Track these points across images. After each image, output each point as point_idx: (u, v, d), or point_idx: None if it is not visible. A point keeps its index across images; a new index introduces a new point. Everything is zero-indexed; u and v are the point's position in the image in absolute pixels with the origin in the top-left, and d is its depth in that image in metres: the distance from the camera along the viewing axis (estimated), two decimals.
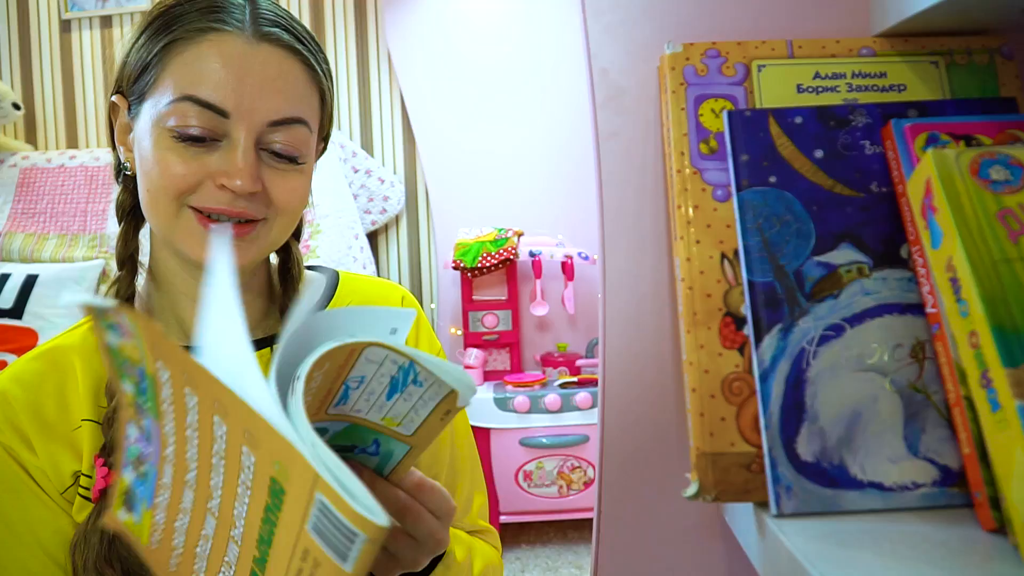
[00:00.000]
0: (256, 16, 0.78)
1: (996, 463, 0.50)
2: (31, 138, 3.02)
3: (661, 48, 0.71)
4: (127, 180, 0.85)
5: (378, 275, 2.84)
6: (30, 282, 2.40)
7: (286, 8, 0.87)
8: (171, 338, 0.49)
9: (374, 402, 0.53)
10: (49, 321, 2.34)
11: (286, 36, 0.79)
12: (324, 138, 0.89)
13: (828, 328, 0.59)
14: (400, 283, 2.96)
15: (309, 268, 0.97)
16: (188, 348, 0.84)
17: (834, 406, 0.58)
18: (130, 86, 0.80)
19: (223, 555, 0.50)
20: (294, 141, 0.79)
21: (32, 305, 2.37)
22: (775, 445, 0.57)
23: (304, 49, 0.80)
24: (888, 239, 0.61)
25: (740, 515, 0.63)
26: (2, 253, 2.59)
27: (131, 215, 0.87)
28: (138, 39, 0.80)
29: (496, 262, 2.62)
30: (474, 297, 2.72)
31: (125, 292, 0.84)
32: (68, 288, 2.38)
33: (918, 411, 0.58)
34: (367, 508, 0.39)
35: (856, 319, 0.59)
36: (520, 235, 2.70)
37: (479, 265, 2.62)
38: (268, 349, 0.86)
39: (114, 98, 0.83)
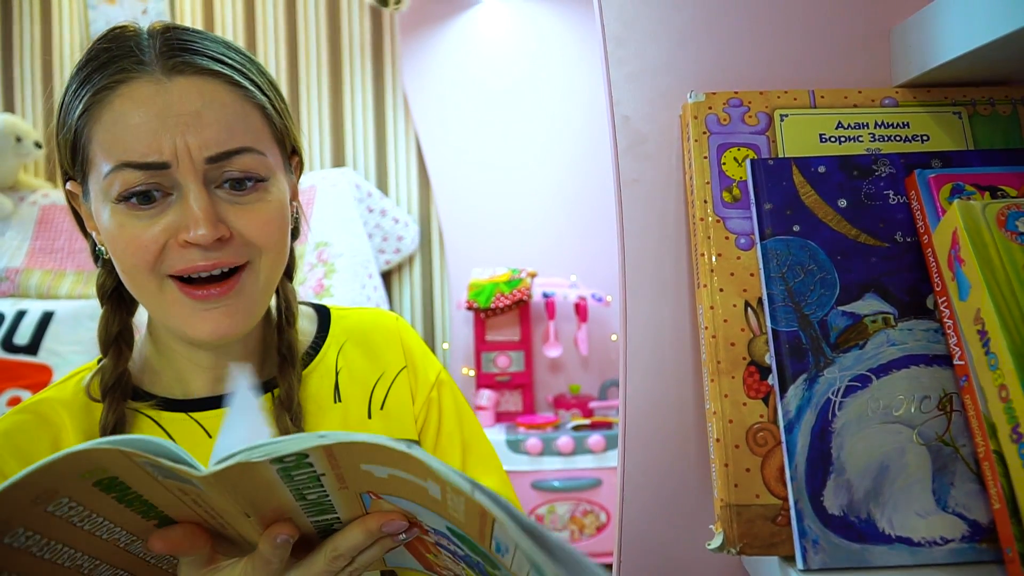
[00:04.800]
0: (163, 49, 0.72)
1: None
2: (51, 176, 3.05)
3: (683, 96, 0.71)
4: (106, 263, 0.81)
5: None
6: (46, 319, 2.41)
7: (251, 50, 0.81)
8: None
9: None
10: (64, 358, 2.35)
11: (201, 60, 0.73)
12: (295, 151, 0.83)
13: (854, 379, 0.59)
14: (413, 323, 2.96)
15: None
16: (193, 402, 0.84)
17: (861, 458, 0.57)
18: (73, 169, 0.77)
19: None
20: (246, 167, 0.73)
21: (48, 342, 2.37)
22: (801, 497, 0.57)
23: (227, 68, 0.74)
24: (913, 289, 0.61)
25: (765, 569, 0.62)
26: (20, 290, 2.61)
27: (112, 296, 0.83)
28: (59, 118, 0.76)
29: (510, 303, 2.61)
30: (487, 338, 2.71)
31: (110, 379, 0.79)
32: (84, 325, 2.39)
33: (946, 464, 0.57)
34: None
35: (882, 370, 0.59)
36: (534, 276, 2.70)
37: (493, 306, 2.62)
38: (268, 395, 0.84)
39: (68, 186, 0.79)
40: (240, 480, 0.50)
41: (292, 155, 0.83)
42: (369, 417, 0.87)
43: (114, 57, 0.72)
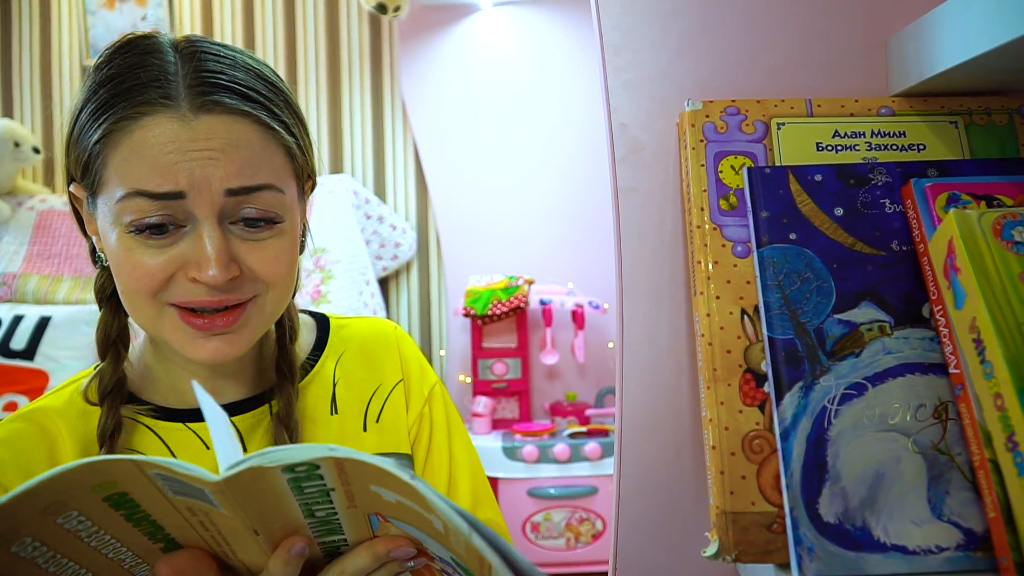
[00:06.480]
0: (193, 83, 0.70)
1: (1022, 527, 0.49)
2: (49, 181, 3.05)
3: (681, 104, 0.72)
4: (105, 267, 0.79)
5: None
6: (43, 324, 2.41)
7: (264, 61, 0.79)
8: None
9: None
10: (61, 363, 2.34)
11: (230, 99, 0.71)
12: (309, 175, 0.82)
13: (850, 387, 0.59)
14: (410, 330, 2.96)
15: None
16: (189, 412, 0.82)
17: (856, 466, 0.57)
18: (81, 179, 0.75)
19: None
20: (264, 205, 0.72)
21: (44, 347, 2.37)
22: (797, 505, 0.57)
23: (254, 107, 0.72)
24: (909, 298, 0.61)
25: None
26: (17, 294, 2.61)
27: (112, 299, 0.81)
28: (72, 130, 0.74)
29: (507, 310, 2.61)
30: (484, 344, 2.71)
31: (109, 383, 0.79)
32: (80, 330, 2.39)
33: (942, 473, 0.57)
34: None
35: (878, 378, 0.59)
36: (531, 283, 2.70)
37: (490, 313, 2.62)
38: (266, 405, 0.83)
39: (72, 188, 0.77)
40: (251, 489, 0.50)
41: (307, 179, 0.82)
42: (364, 430, 0.86)
43: (139, 84, 0.70)
